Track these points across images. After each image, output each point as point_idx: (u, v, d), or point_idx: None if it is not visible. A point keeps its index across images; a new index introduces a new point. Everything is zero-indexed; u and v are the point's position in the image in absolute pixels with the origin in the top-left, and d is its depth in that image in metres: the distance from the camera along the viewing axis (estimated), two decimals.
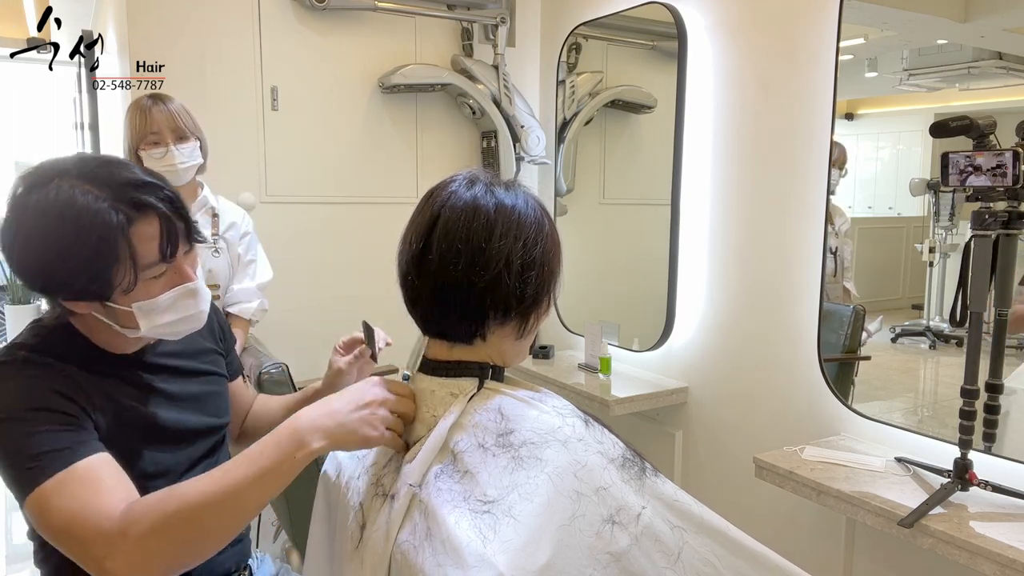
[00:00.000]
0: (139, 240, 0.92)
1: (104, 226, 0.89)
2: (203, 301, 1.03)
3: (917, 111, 2.05)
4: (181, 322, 1.01)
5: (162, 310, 0.98)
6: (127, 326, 0.98)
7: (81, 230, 0.88)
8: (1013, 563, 1.24)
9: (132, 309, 0.95)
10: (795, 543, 1.99)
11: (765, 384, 2.08)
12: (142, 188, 0.93)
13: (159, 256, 0.95)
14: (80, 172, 0.91)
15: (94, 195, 0.89)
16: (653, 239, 2.41)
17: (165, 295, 0.97)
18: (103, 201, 0.89)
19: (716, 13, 2.19)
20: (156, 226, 0.93)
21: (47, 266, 0.91)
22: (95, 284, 0.92)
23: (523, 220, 0.83)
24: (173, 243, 0.96)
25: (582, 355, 2.61)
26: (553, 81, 2.90)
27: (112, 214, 0.89)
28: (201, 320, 1.04)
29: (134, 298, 0.95)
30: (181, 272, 0.99)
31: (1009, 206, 1.35)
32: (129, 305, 0.95)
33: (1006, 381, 1.45)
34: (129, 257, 0.92)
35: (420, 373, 0.90)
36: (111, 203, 0.90)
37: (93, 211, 0.89)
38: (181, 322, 1.01)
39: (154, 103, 1.93)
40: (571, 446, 0.78)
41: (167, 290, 0.98)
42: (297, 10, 2.56)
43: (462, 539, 0.72)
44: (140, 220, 0.92)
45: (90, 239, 0.89)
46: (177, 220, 0.97)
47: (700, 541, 0.81)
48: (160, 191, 0.95)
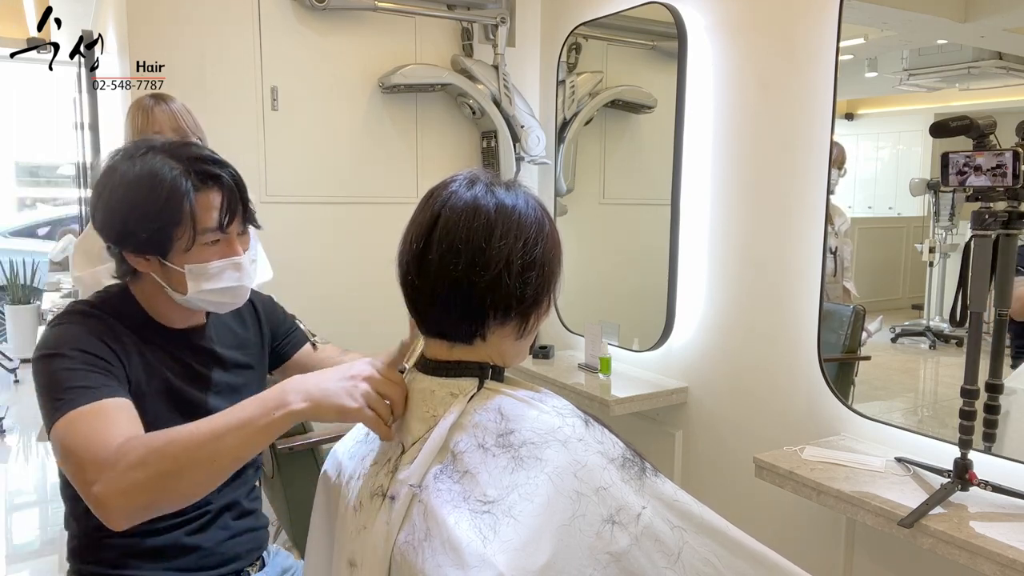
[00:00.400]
0: (201, 207, 1.06)
1: (174, 189, 1.04)
2: (247, 277, 1.14)
3: (917, 111, 2.05)
4: (224, 292, 1.12)
5: (209, 276, 1.09)
6: (177, 289, 1.10)
7: (154, 190, 1.04)
8: (1013, 563, 1.24)
9: (184, 270, 1.08)
10: (795, 543, 1.99)
11: (765, 384, 2.08)
12: (213, 164, 1.09)
13: (216, 224, 1.08)
14: (164, 147, 1.08)
15: (171, 165, 1.05)
16: (653, 239, 2.41)
17: (215, 263, 1.09)
18: (176, 170, 1.05)
19: (716, 13, 2.19)
20: (218, 197, 1.08)
21: (123, 216, 1.05)
22: (158, 237, 1.05)
23: (523, 220, 0.83)
24: (231, 215, 1.09)
25: (582, 355, 2.61)
26: (553, 81, 2.90)
27: (182, 180, 1.05)
28: (242, 295, 1.16)
29: (188, 259, 1.07)
30: (232, 246, 1.11)
31: (1009, 206, 1.34)
32: (182, 266, 1.08)
33: (1006, 381, 1.45)
34: (190, 219, 1.05)
35: (420, 373, 0.90)
36: (183, 172, 1.05)
37: (167, 176, 1.04)
38: (224, 292, 1.12)
39: (156, 103, 1.93)
40: (571, 446, 0.78)
41: (218, 259, 1.10)
42: (297, 10, 2.56)
43: (462, 539, 0.72)
44: (205, 189, 1.07)
45: (160, 197, 1.03)
46: (238, 199, 1.10)
47: (700, 541, 0.81)
48: (228, 170, 1.10)
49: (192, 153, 1.09)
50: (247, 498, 1.28)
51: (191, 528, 1.17)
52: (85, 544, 1.14)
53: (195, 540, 1.17)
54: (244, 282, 1.14)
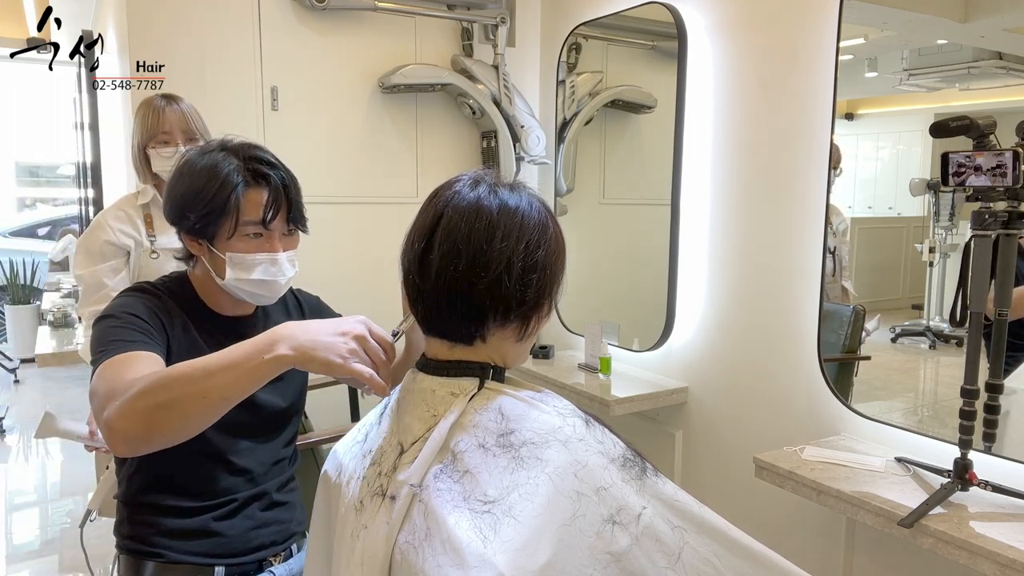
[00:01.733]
0: (248, 201, 1.16)
1: (226, 182, 1.15)
2: (282, 272, 1.22)
3: (917, 111, 2.05)
4: (258, 284, 1.20)
5: (247, 266, 1.18)
6: (219, 274, 1.19)
7: (211, 180, 1.15)
8: (1013, 563, 1.24)
9: (226, 257, 1.17)
10: (795, 543, 1.99)
11: (765, 384, 2.08)
12: (266, 165, 1.19)
13: (259, 218, 1.17)
14: (227, 146, 1.20)
15: (230, 161, 1.17)
16: (653, 239, 2.41)
17: (253, 255, 1.18)
18: (232, 166, 1.16)
19: (716, 13, 2.19)
20: (265, 195, 1.17)
21: (181, 201, 1.17)
22: (206, 223, 1.16)
23: (526, 222, 0.83)
24: (274, 212, 1.18)
25: (582, 355, 2.61)
26: (553, 81, 2.90)
27: (235, 175, 1.16)
28: (276, 290, 1.23)
29: (230, 247, 1.17)
30: (272, 242, 1.20)
31: (1009, 206, 1.34)
32: (224, 253, 1.17)
33: (1006, 381, 1.45)
34: (235, 210, 1.15)
35: (420, 373, 0.90)
36: (238, 168, 1.16)
37: (224, 170, 1.16)
38: (258, 284, 1.20)
39: (168, 103, 1.94)
40: (572, 446, 0.78)
41: (256, 252, 1.18)
42: (297, 10, 2.56)
43: (462, 539, 0.72)
44: (255, 186, 1.17)
45: (213, 187, 1.15)
46: (284, 199, 1.19)
47: (700, 541, 0.81)
48: (279, 172, 1.20)
49: (251, 154, 1.19)
50: (279, 490, 1.32)
51: (218, 514, 1.23)
52: (122, 519, 1.24)
53: (220, 526, 1.23)
54: (278, 278, 1.22)
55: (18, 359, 5.84)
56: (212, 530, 1.22)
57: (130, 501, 1.23)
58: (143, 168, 1.97)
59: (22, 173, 8.64)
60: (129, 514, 1.23)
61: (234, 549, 1.23)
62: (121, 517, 1.25)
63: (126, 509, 1.24)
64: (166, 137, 1.92)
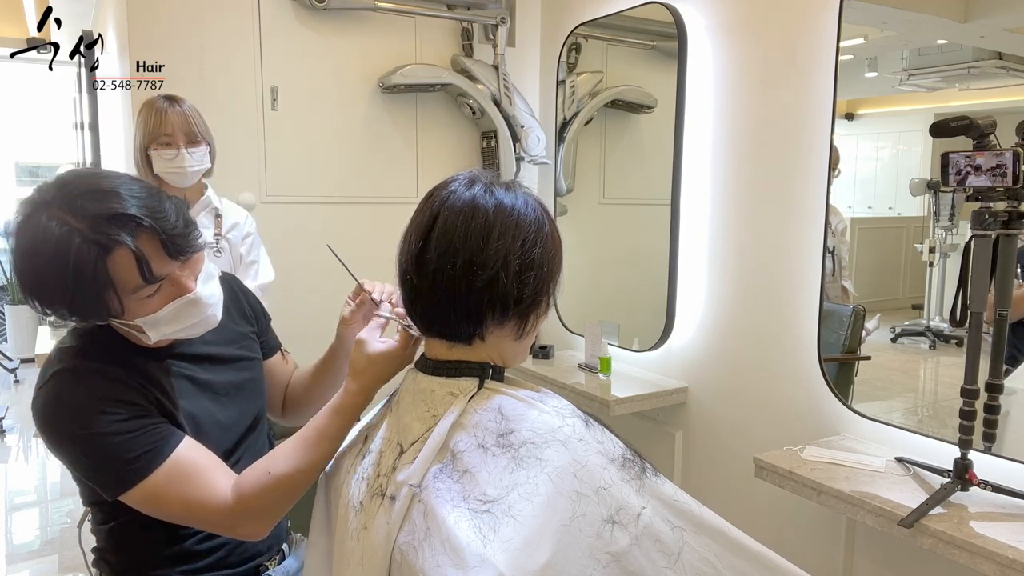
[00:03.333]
0: (117, 269, 0.93)
1: (78, 260, 0.91)
2: (207, 308, 1.05)
3: (917, 111, 2.05)
4: (188, 329, 1.05)
5: (166, 322, 1.01)
6: (140, 338, 1.03)
7: (57, 262, 0.91)
8: (1013, 563, 1.24)
9: (137, 323, 0.99)
10: (795, 543, 1.99)
11: (765, 384, 2.08)
12: (115, 221, 0.93)
13: (142, 280, 0.95)
14: (62, 203, 0.93)
15: (70, 227, 0.91)
16: (653, 239, 2.41)
17: (165, 309, 1.00)
18: (77, 235, 0.91)
19: (716, 13, 2.19)
20: (129, 256, 0.93)
21: (38, 291, 0.95)
22: (85, 309, 0.95)
23: (522, 220, 0.83)
24: (154, 264, 0.96)
25: (582, 355, 2.61)
26: (553, 81, 2.90)
27: (85, 248, 0.91)
28: (210, 323, 1.08)
29: (135, 314, 0.98)
30: (179, 284, 1.01)
31: (1009, 206, 1.34)
32: (133, 320, 0.99)
33: (1006, 381, 1.45)
34: (111, 285, 0.93)
35: (420, 373, 0.90)
36: (85, 236, 0.91)
37: (67, 245, 0.90)
38: (188, 329, 1.05)
39: (170, 105, 1.93)
40: (571, 446, 0.78)
41: (167, 303, 1.00)
42: (297, 10, 2.56)
43: (462, 539, 0.72)
44: (115, 249, 0.93)
45: (67, 270, 0.91)
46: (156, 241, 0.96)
47: (700, 541, 0.81)
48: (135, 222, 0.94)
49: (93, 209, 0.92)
50: None
51: (204, 534, 1.17)
52: (110, 545, 1.15)
53: (216, 541, 1.17)
54: (207, 313, 1.05)
55: (18, 359, 5.84)
56: (201, 551, 1.16)
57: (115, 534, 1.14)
58: (144, 169, 1.97)
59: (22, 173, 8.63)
60: (114, 544, 1.14)
61: (233, 560, 1.20)
62: (106, 544, 1.15)
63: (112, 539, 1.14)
64: (168, 139, 1.91)
